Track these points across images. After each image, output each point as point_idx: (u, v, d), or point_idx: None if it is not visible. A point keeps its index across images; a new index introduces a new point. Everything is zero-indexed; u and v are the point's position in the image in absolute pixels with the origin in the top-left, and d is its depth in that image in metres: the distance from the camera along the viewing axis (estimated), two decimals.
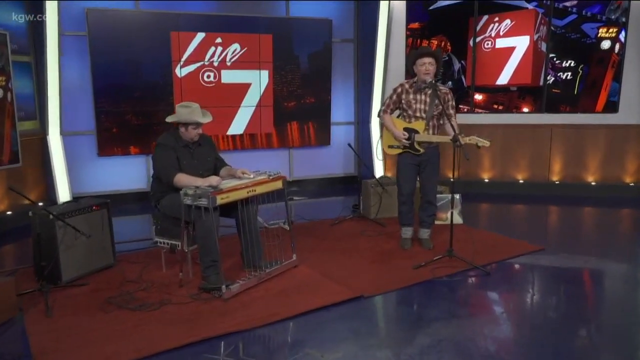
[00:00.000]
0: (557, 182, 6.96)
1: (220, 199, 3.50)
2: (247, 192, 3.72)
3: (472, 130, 6.97)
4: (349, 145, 5.63)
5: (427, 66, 4.23)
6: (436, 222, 5.24)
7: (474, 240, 4.49)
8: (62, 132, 5.94)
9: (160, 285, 3.78)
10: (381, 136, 4.61)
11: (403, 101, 4.39)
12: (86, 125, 6.23)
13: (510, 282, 3.94)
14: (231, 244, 4.31)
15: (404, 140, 4.35)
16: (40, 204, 4.67)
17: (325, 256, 4.43)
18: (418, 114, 4.36)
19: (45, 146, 5.89)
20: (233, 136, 6.87)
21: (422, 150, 4.37)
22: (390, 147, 4.49)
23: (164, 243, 3.97)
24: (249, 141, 6.97)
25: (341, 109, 7.55)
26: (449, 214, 5.41)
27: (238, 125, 6.87)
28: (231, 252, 4.29)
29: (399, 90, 4.42)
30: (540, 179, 7.00)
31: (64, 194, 5.95)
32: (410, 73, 4.45)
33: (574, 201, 6.58)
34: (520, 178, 7.07)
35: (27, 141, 5.69)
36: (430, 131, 4.39)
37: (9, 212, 5.39)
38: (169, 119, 3.86)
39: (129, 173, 6.52)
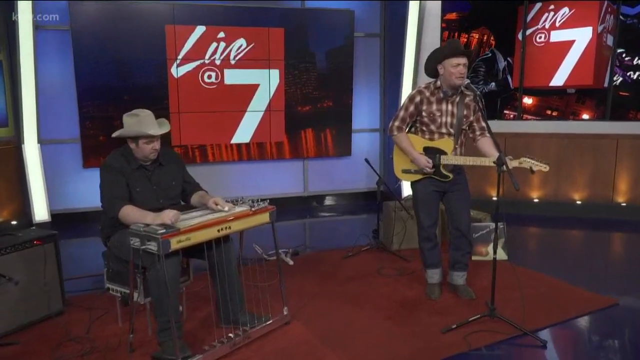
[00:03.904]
0: (623, 204, 5.77)
1: (177, 242, 2.60)
2: (218, 231, 2.80)
3: (518, 141, 5.98)
4: (366, 160, 4.65)
5: (461, 68, 3.22)
6: (472, 258, 4.26)
7: (522, 287, 3.45)
8: (40, 140, 5.19)
9: (107, 348, 2.90)
10: (392, 157, 3.60)
11: (424, 113, 3.39)
12: (69, 132, 5.47)
13: (576, 359, 2.88)
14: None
15: (427, 170, 3.35)
16: None
17: (327, 306, 3.47)
18: (444, 130, 3.36)
19: (20, 156, 5.15)
20: (238, 145, 5.99)
21: (451, 176, 3.36)
22: (406, 171, 3.49)
23: (116, 291, 3.10)
24: (256, 151, 6.08)
25: (364, 114, 6.57)
26: (489, 248, 4.40)
27: (244, 133, 5.98)
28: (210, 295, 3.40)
29: (418, 99, 3.41)
30: (602, 200, 5.83)
31: (41, 211, 5.21)
32: (429, 74, 3.45)
33: None
34: (578, 199, 5.90)
35: None
36: (459, 150, 3.39)
37: None
38: (115, 135, 2.99)
39: None
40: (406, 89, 6.00)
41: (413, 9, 5.92)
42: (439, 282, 3.64)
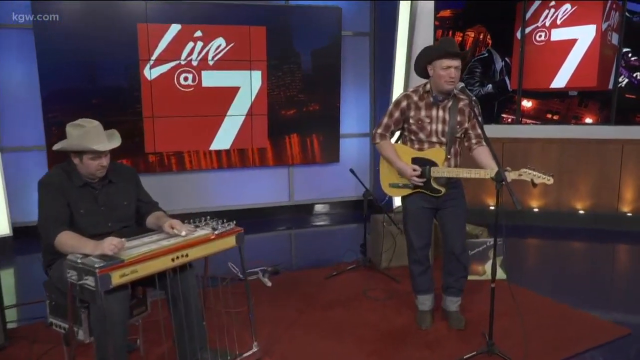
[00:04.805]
0: (629, 214, 5.41)
1: (120, 277, 2.21)
2: (173, 260, 2.41)
3: (517, 147, 5.61)
4: (351, 171, 4.26)
5: (452, 71, 2.85)
6: (468, 277, 3.87)
7: (523, 316, 3.07)
8: (0, 148, 4.82)
9: None
10: (378, 169, 3.22)
11: (411, 120, 3.02)
12: (33, 139, 5.07)
13: None
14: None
15: (415, 180, 2.98)
16: None
17: (305, 338, 3.09)
18: (435, 138, 2.99)
19: None
20: (218, 152, 5.60)
21: (443, 190, 2.98)
22: (393, 186, 3.11)
23: (59, 327, 2.70)
24: (237, 158, 5.68)
25: (353, 118, 6.20)
26: (487, 266, 4.03)
27: (224, 139, 5.59)
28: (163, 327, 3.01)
29: (404, 104, 3.04)
30: (607, 210, 5.46)
31: (1, 224, 4.83)
32: (419, 74, 3.09)
33: None
34: (581, 208, 5.54)
35: None
36: (452, 161, 3.01)
37: None
38: (56, 148, 2.61)
39: None
40: (397, 91, 5.63)
41: (404, 7, 5.56)
42: (431, 309, 3.26)
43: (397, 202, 5.38)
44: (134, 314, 2.73)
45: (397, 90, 5.65)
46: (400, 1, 5.50)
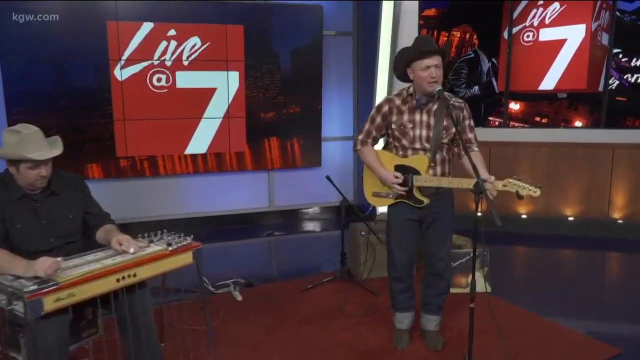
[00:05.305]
0: (620, 221, 5.23)
1: (54, 301, 1.98)
2: (118, 280, 2.19)
3: (504, 151, 5.42)
4: (328, 178, 4.03)
5: (432, 71, 2.64)
6: (451, 290, 3.66)
7: (507, 335, 2.87)
8: None
9: None
10: (362, 177, 3.01)
11: (393, 125, 2.80)
12: None
13: None
14: None
15: (397, 188, 2.76)
16: None
17: (271, 359, 2.87)
18: (418, 145, 2.77)
19: None
20: (193, 156, 5.36)
21: (426, 201, 2.76)
22: (377, 195, 2.90)
23: None
24: (214, 162, 5.45)
25: (335, 120, 5.99)
26: (470, 279, 3.82)
27: (200, 143, 5.36)
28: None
29: (386, 108, 2.83)
30: (597, 216, 5.28)
31: None
32: (401, 79, 2.89)
33: None
34: (570, 214, 5.35)
35: None
36: (439, 169, 2.78)
37: None
38: None
39: None
40: (380, 94, 5.41)
41: (387, 6, 5.35)
42: (409, 327, 3.05)
43: (381, 209, 5.18)
44: (83, 336, 2.51)
45: (381, 91, 5.44)
46: (384, 0, 5.30)
